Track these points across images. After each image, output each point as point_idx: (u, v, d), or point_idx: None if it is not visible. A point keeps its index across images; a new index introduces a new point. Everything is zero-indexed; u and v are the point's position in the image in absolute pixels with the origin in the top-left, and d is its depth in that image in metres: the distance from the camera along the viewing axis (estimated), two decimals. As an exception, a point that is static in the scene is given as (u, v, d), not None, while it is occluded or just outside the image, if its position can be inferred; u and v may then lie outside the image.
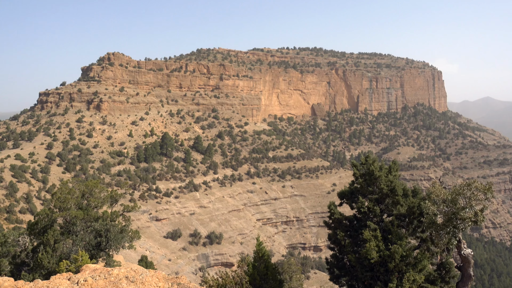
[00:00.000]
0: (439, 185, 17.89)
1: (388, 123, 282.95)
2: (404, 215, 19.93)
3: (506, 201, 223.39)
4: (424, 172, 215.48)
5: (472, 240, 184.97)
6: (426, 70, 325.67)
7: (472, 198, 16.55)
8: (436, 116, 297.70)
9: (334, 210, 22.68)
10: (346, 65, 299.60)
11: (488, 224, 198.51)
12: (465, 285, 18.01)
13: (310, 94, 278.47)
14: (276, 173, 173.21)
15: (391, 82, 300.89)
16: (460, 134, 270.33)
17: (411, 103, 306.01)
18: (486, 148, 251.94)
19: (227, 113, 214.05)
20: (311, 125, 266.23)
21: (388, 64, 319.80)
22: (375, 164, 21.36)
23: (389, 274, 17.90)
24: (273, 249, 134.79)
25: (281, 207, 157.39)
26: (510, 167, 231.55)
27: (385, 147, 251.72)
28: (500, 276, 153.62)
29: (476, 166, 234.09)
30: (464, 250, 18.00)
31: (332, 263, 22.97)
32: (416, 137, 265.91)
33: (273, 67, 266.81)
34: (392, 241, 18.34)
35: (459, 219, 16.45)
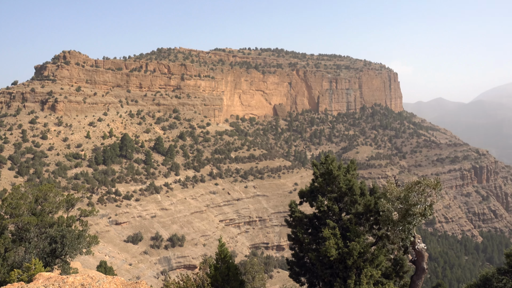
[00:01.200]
0: (394, 183, 18.59)
1: (347, 123, 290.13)
2: (361, 213, 20.55)
3: (457, 196, 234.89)
4: (381, 170, 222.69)
5: (426, 234, 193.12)
6: (382, 72, 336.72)
7: (422, 194, 17.32)
8: (393, 116, 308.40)
9: (294, 209, 23.03)
10: (307, 66, 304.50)
11: (441, 219, 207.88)
12: (419, 278, 18.80)
13: (272, 95, 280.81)
14: (238, 174, 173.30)
15: (350, 83, 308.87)
16: (415, 134, 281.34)
17: (369, 104, 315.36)
18: (439, 146, 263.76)
19: (188, 113, 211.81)
20: (273, 126, 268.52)
21: (347, 66, 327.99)
22: (334, 164, 21.88)
23: (348, 271, 18.40)
24: (236, 249, 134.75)
25: (244, 208, 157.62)
26: (460, 165, 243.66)
27: (345, 146, 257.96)
28: (453, 268, 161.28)
29: (429, 164, 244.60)
30: (418, 245, 18.79)
31: (293, 261, 23.32)
32: (374, 137, 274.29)
33: (235, 68, 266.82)
34: (351, 239, 18.87)
35: (411, 215, 17.18)
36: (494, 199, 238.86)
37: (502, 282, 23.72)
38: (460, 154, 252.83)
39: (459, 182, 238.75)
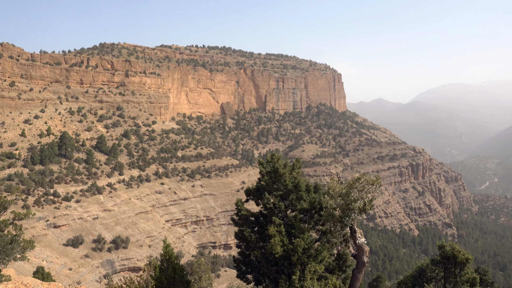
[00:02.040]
0: (336, 180, 19.20)
1: (293, 122, 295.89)
2: (306, 210, 21.02)
3: (396, 192, 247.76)
4: (326, 168, 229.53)
5: (368, 229, 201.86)
6: (327, 72, 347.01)
7: (363, 191, 18.05)
8: (337, 115, 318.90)
9: (241, 207, 23.08)
10: (254, 65, 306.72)
11: (382, 214, 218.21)
12: (359, 271, 19.57)
13: (219, 93, 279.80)
14: (185, 173, 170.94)
15: (296, 83, 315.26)
16: (357, 133, 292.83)
17: (314, 103, 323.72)
18: (379, 145, 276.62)
19: (133, 111, 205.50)
20: (221, 124, 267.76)
21: (293, 66, 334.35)
22: (279, 162, 22.19)
23: (293, 267, 18.75)
24: (183, 250, 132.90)
25: (190, 207, 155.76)
26: (399, 162, 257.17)
27: (291, 145, 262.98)
28: (392, 260, 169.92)
29: (371, 161, 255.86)
30: (359, 240, 19.54)
31: (239, 259, 23.37)
32: (319, 135, 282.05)
33: (182, 65, 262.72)
34: (295, 235, 19.25)
35: (352, 210, 17.85)
36: (429, 194, 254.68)
37: (435, 272, 25.38)
38: (398, 152, 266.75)
39: (398, 178, 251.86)
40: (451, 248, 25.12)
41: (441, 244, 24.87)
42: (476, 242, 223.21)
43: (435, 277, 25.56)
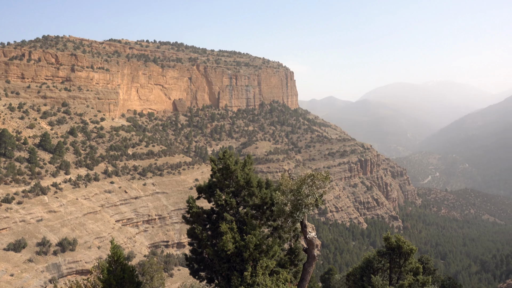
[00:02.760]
0: (287, 176, 19.43)
1: (247, 119, 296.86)
2: (258, 206, 21.13)
3: (346, 187, 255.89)
4: (279, 164, 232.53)
5: (319, 223, 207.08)
6: (280, 70, 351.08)
7: (313, 186, 18.41)
8: (289, 112, 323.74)
9: (192, 204, 22.79)
10: (207, 62, 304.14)
11: (332, 208, 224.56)
12: (310, 265, 19.97)
13: (171, 90, 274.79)
14: (136, 171, 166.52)
15: (250, 80, 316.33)
16: (309, 129, 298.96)
17: (268, 100, 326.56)
18: (330, 141, 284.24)
19: (80, 107, 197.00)
20: (173, 121, 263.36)
21: (246, 63, 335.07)
22: (231, 159, 22.12)
23: (245, 263, 18.78)
24: (135, 250, 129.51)
25: (142, 206, 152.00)
26: (348, 158, 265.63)
27: (245, 142, 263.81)
28: (342, 253, 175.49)
29: (322, 157, 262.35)
30: (309, 234, 19.92)
31: (192, 258, 23.09)
32: (272, 132, 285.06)
33: (132, 60, 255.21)
34: (247, 232, 19.29)
35: (303, 206, 18.16)
36: (376, 189, 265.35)
37: (381, 263, 26.44)
38: (348, 149, 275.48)
39: (348, 174, 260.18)
40: (396, 240, 26.26)
41: (386, 236, 25.95)
42: (419, 233, 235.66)
43: (382, 267, 26.65)
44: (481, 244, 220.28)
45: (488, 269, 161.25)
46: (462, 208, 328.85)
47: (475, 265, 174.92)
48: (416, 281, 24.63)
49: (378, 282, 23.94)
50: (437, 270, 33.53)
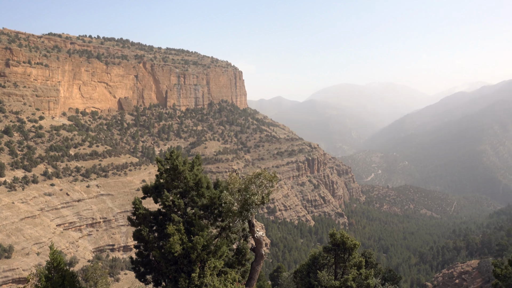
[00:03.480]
0: (235, 176, 19.47)
1: (195, 118, 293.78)
2: (206, 206, 20.97)
3: (294, 186, 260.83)
4: (228, 164, 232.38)
5: (269, 222, 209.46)
6: (229, 69, 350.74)
7: (261, 186, 18.59)
8: (238, 112, 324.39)
9: (138, 206, 22.19)
10: (154, 60, 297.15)
11: (281, 207, 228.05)
12: (258, 264, 20.14)
13: (116, 88, 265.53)
14: (79, 172, 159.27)
15: (198, 79, 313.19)
16: (258, 129, 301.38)
17: (216, 100, 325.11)
18: (279, 141, 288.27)
19: (16, 105, 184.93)
20: (118, 120, 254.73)
21: (195, 62, 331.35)
22: (179, 159, 21.78)
23: (192, 265, 18.57)
24: (78, 255, 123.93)
25: (85, 209, 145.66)
26: (296, 157, 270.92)
27: (194, 141, 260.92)
28: (291, 251, 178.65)
29: (271, 157, 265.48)
30: (257, 233, 20.08)
31: (137, 260, 22.49)
32: (221, 132, 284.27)
33: (74, 56, 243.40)
34: (195, 233, 19.09)
35: (250, 205, 18.29)
36: (323, 187, 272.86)
37: (326, 259, 27.24)
38: (296, 148, 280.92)
39: (296, 173, 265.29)
40: (341, 236, 27.16)
41: (332, 232, 26.78)
42: (364, 229, 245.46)
43: (327, 263, 27.46)
44: (419, 237, 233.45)
45: (426, 260, 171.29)
46: (403, 203, 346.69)
47: (415, 257, 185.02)
48: (359, 274, 25.62)
49: (324, 277, 24.65)
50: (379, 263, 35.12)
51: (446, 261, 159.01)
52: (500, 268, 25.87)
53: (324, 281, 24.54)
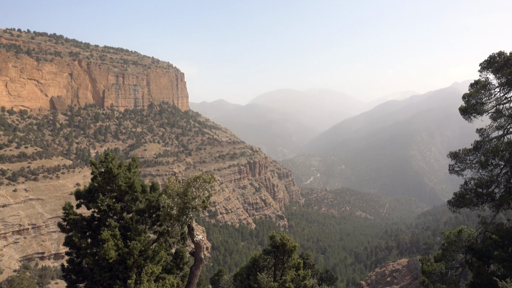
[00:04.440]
0: (174, 179, 19.07)
1: (135, 120, 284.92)
2: (143, 210, 20.30)
3: (236, 189, 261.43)
4: (169, 167, 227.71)
5: (210, 226, 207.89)
6: (170, 71, 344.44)
7: (200, 189, 18.37)
8: (179, 114, 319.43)
9: (70, 211, 20.99)
10: (91, 58, 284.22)
11: (222, 210, 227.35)
12: (197, 268, 19.85)
13: (48, 86, 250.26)
14: (4, 175, 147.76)
15: (138, 79, 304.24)
16: (200, 132, 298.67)
17: (157, 101, 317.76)
18: (221, 144, 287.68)
19: None
20: (50, 120, 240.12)
21: (134, 61, 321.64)
22: (114, 162, 20.92)
23: (128, 271, 17.88)
24: (2, 265, 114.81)
25: (12, 215, 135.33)
26: (238, 160, 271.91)
27: (132, 144, 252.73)
28: (232, 254, 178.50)
29: (213, 160, 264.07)
30: (196, 237, 19.79)
31: (69, 268, 21.25)
32: (162, 134, 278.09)
33: (1, 50, 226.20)
34: (131, 238, 18.39)
35: (189, 209, 18.00)
36: (264, 190, 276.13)
37: (266, 261, 27.51)
38: (238, 151, 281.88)
39: (237, 176, 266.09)
40: (280, 238, 27.58)
41: (272, 235, 27.12)
42: (303, 231, 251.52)
43: (267, 265, 27.74)
44: (355, 238, 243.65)
45: (361, 260, 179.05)
46: (340, 205, 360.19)
47: (350, 257, 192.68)
48: (297, 275, 26.15)
49: (263, 279, 24.86)
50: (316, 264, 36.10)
51: (379, 260, 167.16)
52: (426, 265, 27.64)
53: (263, 283, 24.74)
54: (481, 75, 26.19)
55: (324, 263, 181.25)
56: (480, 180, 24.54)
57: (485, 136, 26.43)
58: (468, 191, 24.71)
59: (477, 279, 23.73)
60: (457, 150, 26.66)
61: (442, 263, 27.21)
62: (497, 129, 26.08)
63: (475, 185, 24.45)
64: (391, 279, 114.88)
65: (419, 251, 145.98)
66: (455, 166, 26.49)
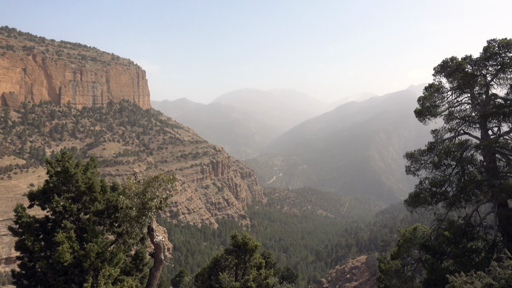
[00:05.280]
0: (133, 179, 18.64)
1: (93, 118, 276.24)
2: (101, 211, 19.68)
3: (198, 189, 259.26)
4: (129, 167, 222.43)
5: (171, 226, 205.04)
6: (131, 68, 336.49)
7: (159, 189, 18.06)
8: (141, 113, 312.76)
9: (22, 213, 20.00)
10: (46, 53, 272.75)
11: (185, 210, 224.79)
12: (157, 269, 19.49)
13: (0, 81, 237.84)
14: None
15: (97, 76, 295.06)
16: (161, 131, 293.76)
17: (117, 99, 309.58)
18: (183, 143, 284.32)
19: None
20: (1, 117, 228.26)
21: (93, 57, 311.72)
22: (70, 161, 20.15)
23: (85, 274, 17.28)
24: None
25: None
26: (201, 160, 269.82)
27: (91, 142, 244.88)
28: (194, 255, 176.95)
29: (175, 159, 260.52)
30: (156, 238, 19.43)
31: (20, 273, 20.26)
32: (122, 133, 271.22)
33: None
34: (88, 240, 17.78)
35: (148, 209, 17.65)
36: (227, 190, 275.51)
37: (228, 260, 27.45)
38: (200, 151, 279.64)
39: (200, 175, 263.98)
40: (242, 237, 27.57)
41: (233, 234, 27.08)
42: (265, 230, 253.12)
43: (229, 265, 27.67)
44: (316, 237, 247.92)
45: (322, 258, 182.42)
46: (301, 205, 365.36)
47: (311, 255, 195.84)
48: (259, 275, 26.26)
49: (225, 279, 24.77)
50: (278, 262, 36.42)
51: (339, 257, 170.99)
52: (383, 263, 28.56)
53: (225, 283, 24.65)
54: (435, 79, 27.38)
55: (286, 262, 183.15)
56: (434, 179, 25.58)
57: (438, 137, 27.62)
58: (422, 191, 25.70)
59: (431, 275, 24.75)
60: (413, 151, 27.71)
61: (398, 260, 28.21)
62: (449, 131, 27.31)
63: (429, 185, 25.48)
64: (351, 276, 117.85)
65: (377, 248, 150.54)
66: (411, 167, 27.53)
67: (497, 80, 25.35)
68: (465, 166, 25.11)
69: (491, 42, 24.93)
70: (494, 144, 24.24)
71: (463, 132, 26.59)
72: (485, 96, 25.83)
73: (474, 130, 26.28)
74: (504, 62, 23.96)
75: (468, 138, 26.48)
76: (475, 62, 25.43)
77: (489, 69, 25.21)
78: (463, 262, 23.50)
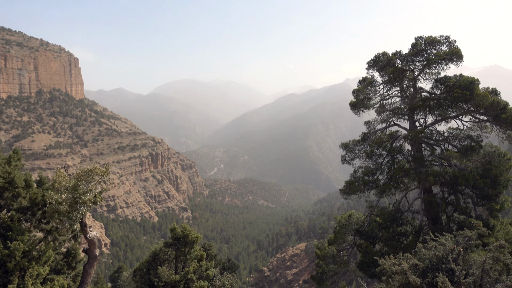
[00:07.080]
0: (63, 173, 17.58)
1: (20, 108, 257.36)
2: (27, 208, 18.38)
3: (137, 182, 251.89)
4: (61, 160, 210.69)
5: (109, 221, 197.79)
6: (62, 55, 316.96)
7: (92, 182, 17.23)
8: (74, 103, 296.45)
9: None
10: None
11: (123, 204, 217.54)
12: (91, 266, 18.66)
13: None
14: None
15: (24, 63, 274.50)
16: (96, 122, 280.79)
17: (47, 88, 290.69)
18: (120, 135, 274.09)
19: None
20: None
21: (19, 43, 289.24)
22: (-9, 154, 18.54)
23: (9, 275, 16.08)
24: None
25: None
26: (139, 152, 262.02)
27: (18, 134, 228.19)
28: (133, 249, 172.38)
29: (111, 152, 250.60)
30: (90, 234, 18.56)
31: None
32: (53, 124, 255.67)
33: None
34: (13, 238, 16.55)
35: (80, 204, 16.79)
36: (167, 182, 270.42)
37: (167, 254, 26.98)
38: (139, 142, 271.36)
39: (139, 168, 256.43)
40: (182, 230, 27.16)
41: (172, 227, 26.60)
42: (207, 222, 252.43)
43: (168, 258, 27.16)
44: (257, 226, 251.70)
45: (263, 247, 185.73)
46: (243, 195, 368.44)
47: (253, 245, 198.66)
48: (200, 267, 26.07)
49: (164, 273, 24.30)
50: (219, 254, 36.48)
51: (280, 246, 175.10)
52: (320, 250, 29.65)
53: (164, 277, 24.19)
54: (368, 73, 28.61)
55: (228, 252, 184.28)
56: (367, 168, 26.87)
57: (371, 128, 28.98)
58: (356, 179, 26.90)
59: (364, 258, 26.09)
60: (348, 141, 28.86)
61: (334, 246, 29.40)
62: (381, 122, 28.75)
63: (363, 173, 26.72)
64: (291, 263, 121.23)
65: (315, 236, 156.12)
66: (346, 156, 28.68)
67: (424, 75, 27.01)
68: (395, 156, 26.61)
69: (418, 39, 26.47)
70: (420, 135, 25.91)
71: (393, 124, 28.10)
72: (413, 90, 27.43)
73: (403, 122, 27.86)
74: (430, 58, 25.55)
75: (398, 129, 28.07)
76: (404, 58, 26.89)
77: (417, 64, 26.76)
78: (393, 245, 25.02)
